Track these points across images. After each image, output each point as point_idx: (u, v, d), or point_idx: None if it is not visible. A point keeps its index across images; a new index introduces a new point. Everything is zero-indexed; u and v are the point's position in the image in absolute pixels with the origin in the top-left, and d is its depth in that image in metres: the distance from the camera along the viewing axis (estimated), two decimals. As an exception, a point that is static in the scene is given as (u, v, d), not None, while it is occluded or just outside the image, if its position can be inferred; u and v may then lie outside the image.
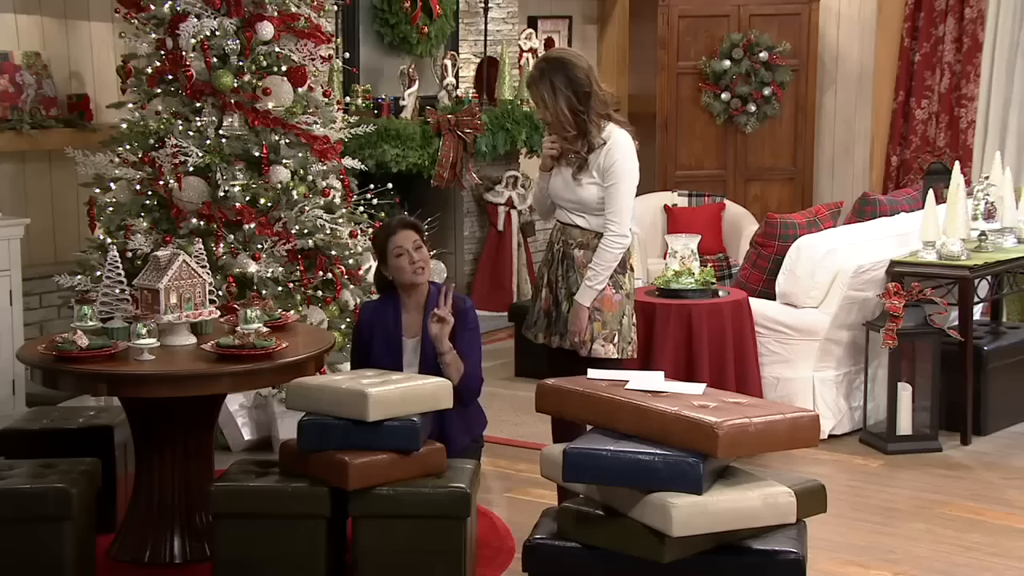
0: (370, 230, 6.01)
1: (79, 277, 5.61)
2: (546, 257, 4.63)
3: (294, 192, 5.73)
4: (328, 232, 5.80)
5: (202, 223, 5.57)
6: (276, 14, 5.77)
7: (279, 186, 5.68)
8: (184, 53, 5.57)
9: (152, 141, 5.65)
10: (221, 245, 5.54)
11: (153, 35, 5.71)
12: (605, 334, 4.48)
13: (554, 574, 3.69)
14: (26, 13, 6.48)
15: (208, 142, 5.60)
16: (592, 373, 4.03)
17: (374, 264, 5.38)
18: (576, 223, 4.52)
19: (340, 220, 5.92)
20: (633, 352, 4.59)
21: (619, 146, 4.45)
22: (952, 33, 8.81)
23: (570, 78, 4.41)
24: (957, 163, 6.73)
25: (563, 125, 4.43)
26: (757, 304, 5.96)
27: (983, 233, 6.34)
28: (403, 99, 7.69)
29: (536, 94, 4.45)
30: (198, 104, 5.65)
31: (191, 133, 5.61)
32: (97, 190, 5.76)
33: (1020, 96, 8.53)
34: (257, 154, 5.66)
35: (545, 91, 4.42)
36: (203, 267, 4.57)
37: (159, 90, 5.71)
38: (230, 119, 5.65)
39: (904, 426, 5.83)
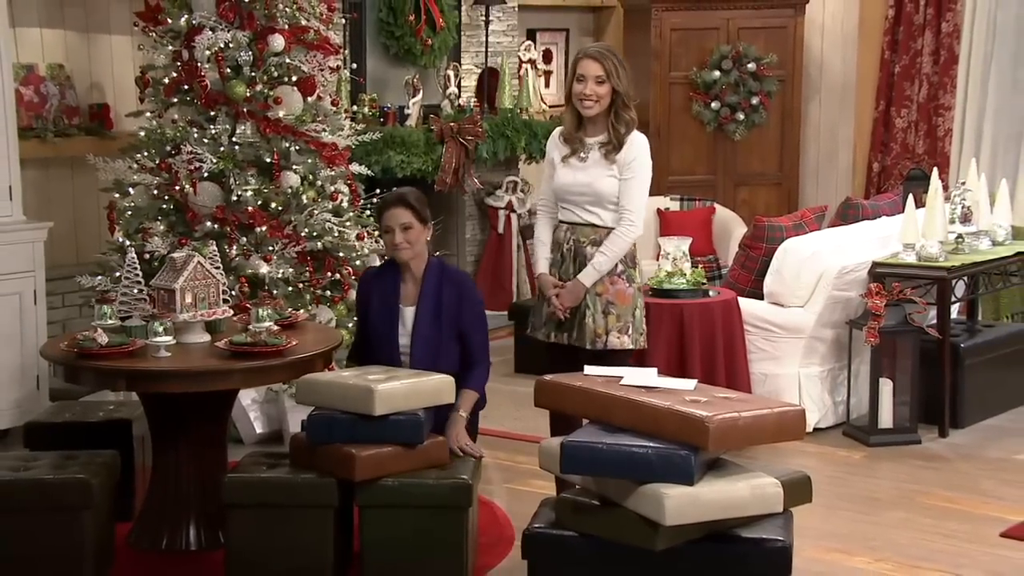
0: (376, 233, 6.15)
1: (99, 278, 5.67)
2: (553, 258, 4.62)
3: (304, 196, 5.78)
4: (336, 235, 5.86)
5: (216, 226, 5.63)
6: (287, 27, 5.83)
7: (289, 191, 5.74)
8: (199, 64, 5.62)
9: (169, 148, 5.72)
10: (234, 247, 5.61)
11: (170, 47, 5.78)
12: (619, 326, 4.50)
13: (552, 561, 3.73)
14: (50, 27, 6.53)
15: (222, 149, 5.67)
16: (588, 370, 4.08)
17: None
18: (589, 220, 4.53)
19: (347, 223, 5.98)
20: (644, 342, 4.61)
21: (640, 144, 4.55)
22: (930, 46, 8.83)
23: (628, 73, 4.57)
24: (935, 169, 6.77)
25: (609, 100, 4.51)
26: (746, 303, 5.99)
27: (960, 236, 6.39)
28: (408, 108, 7.63)
29: (610, 63, 4.49)
30: (212, 113, 5.71)
31: (206, 140, 5.67)
32: (116, 195, 5.82)
33: (994, 105, 8.55)
34: (268, 160, 5.72)
35: (619, 65, 4.51)
36: (217, 268, 4.63)
37: (175, 99, 5.77)
38: (243, 127, 5.71)
39: (885, 420, 5.90)
